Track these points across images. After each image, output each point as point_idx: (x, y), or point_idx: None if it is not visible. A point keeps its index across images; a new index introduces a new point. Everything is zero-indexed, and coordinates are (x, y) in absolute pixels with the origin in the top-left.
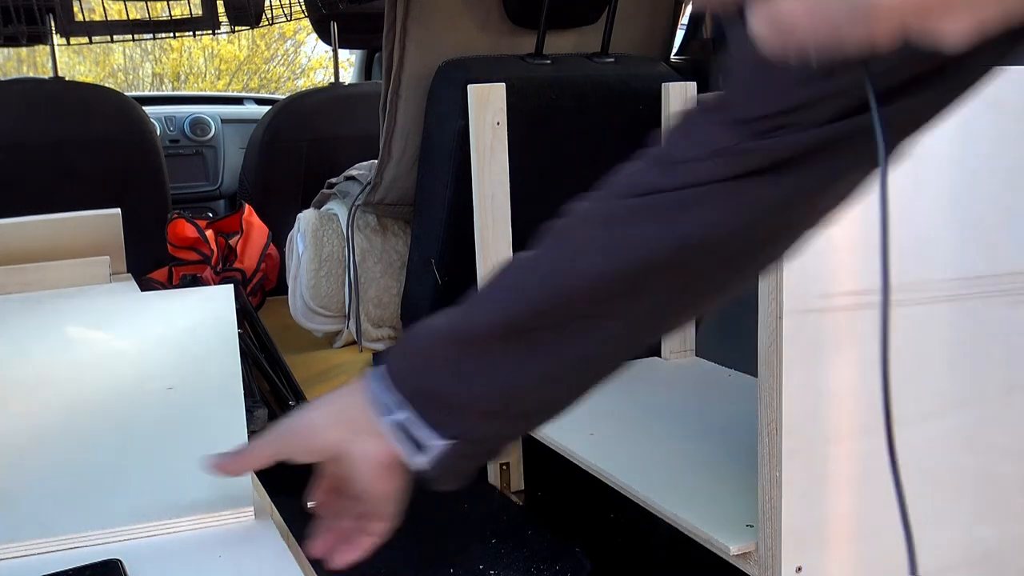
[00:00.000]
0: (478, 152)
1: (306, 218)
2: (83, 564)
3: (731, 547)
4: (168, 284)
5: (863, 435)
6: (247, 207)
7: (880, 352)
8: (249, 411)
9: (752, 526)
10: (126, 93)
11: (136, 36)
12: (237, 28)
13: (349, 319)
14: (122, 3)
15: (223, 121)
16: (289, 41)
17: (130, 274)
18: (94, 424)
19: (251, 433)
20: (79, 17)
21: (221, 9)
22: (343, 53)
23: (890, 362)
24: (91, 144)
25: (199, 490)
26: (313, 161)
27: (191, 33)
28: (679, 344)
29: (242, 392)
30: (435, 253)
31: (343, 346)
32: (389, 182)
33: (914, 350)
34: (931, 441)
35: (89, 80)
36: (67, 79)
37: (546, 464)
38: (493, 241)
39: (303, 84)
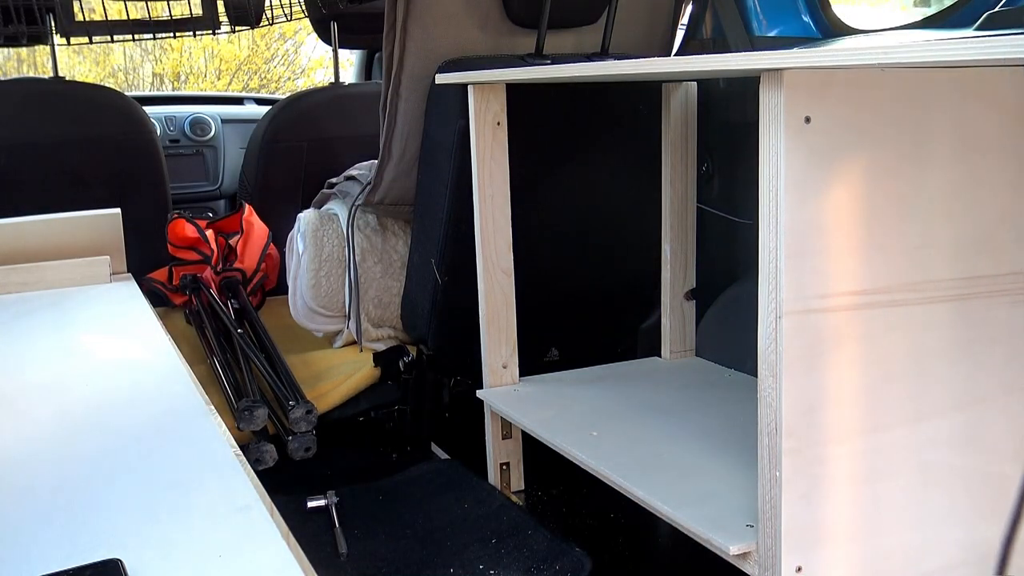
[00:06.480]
0: (478, 152)
1: (306, 218)
2: (83, 564)
3: (731, 547)
4: (168, 284)
5: (863, 435)
6: (247, 207)
7: None
8: (249, 411)
9: (752, 526)
10: (126, 93)
11: (136, 36)
12: (237, 28)
13: (349, 319)
14: (122, 3)
15: (223, 121)
16: (289, 41)
17: (130, 274)
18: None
19: (250, 433)
20: (79, 17)
21: (221, 9)
22: (343, 53)
23: None
24: (91, 144)
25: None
26: (313, 161)
27: (191, 33)
28: (679, 344)
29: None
30: (435, 253)
31: (343, 346)
32: (389, 182)
33: (914, 350)
34: (931, 441)
35: (89, 80)
36: (67, 79)
37: (546, 464)
38: (493, 241)
39: (303, 84)
